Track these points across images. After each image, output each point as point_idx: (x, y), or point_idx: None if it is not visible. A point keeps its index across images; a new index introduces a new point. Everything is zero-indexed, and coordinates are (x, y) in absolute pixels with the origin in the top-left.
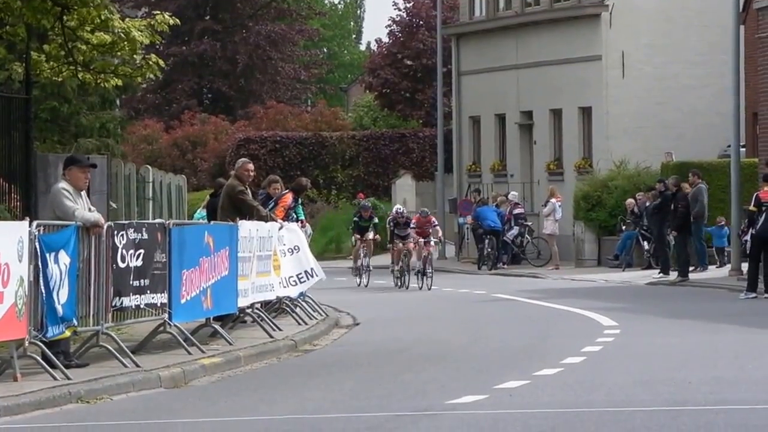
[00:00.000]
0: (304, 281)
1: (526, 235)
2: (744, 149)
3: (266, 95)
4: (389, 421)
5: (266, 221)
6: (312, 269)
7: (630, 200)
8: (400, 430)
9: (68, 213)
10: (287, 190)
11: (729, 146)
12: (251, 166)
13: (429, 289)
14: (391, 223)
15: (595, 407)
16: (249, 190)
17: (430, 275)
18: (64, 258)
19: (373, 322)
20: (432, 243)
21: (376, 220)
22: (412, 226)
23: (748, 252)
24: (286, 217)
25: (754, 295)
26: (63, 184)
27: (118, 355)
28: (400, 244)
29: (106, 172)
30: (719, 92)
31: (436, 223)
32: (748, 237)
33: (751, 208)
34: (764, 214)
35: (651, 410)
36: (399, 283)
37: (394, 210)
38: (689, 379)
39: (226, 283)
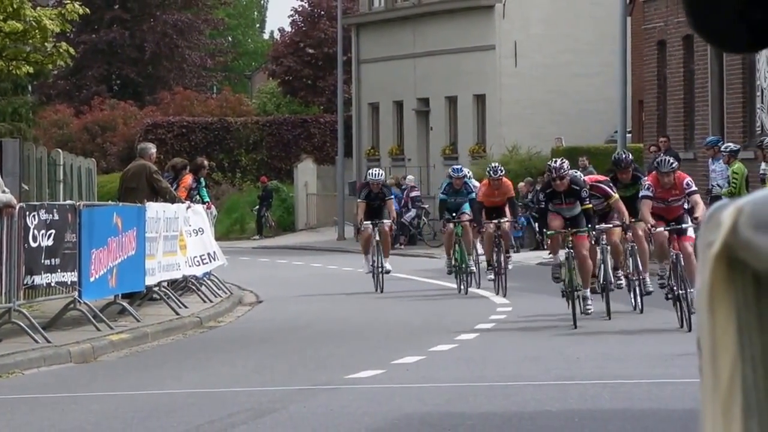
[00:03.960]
0: (207, 263)
1: (423, 217)
2: (630, 135)
3: (173, 82)
4: (290, 395)
5: (175, 202)
6: (214, 252)
7: (522, 184)
8: (300, 403)
9: None
10: (187, 172)
11: (616, 132)
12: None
13: (687, 323)
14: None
15: (487, 381)
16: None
17: (687, 296)
18: None
19: (276, 300)
20: (690, 231)
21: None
22: (643, 193)
23: None
24: (189, 198)
25: None
26: None
27: (29, 331)
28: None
29: (19, 155)
30: (607, 81)
31: (694, 187)
32: None
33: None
34: None
35: (540, 384)
36: (641, 303)
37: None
38: (577, 354)
39: (133, 262)
